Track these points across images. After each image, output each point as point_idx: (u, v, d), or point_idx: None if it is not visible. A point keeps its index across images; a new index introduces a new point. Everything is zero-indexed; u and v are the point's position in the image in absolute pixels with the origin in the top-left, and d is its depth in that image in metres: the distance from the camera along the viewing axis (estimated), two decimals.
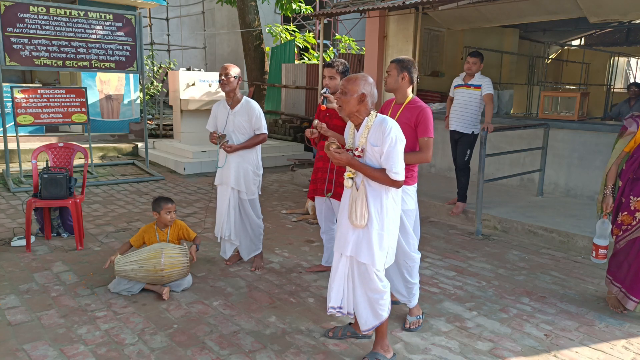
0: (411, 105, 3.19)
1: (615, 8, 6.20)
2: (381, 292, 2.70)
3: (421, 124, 3.12)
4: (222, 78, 3.94)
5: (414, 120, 3.14)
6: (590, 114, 8.39)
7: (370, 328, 2.76)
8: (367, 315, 2.74)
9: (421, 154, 3.15)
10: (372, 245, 2.63)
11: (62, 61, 7.01)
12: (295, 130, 10.97)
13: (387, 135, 2.53)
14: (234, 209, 4.11)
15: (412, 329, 3.23)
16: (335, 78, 3.76)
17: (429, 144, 3.14)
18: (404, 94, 3.23)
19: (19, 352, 2.84)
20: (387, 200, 2.64)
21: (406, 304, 3.30)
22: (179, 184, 7.50)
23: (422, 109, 3.15)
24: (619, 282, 3.53)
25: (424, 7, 7.33)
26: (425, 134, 3.12)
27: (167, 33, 14.09)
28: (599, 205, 3.65)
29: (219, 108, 4.15)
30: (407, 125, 3.14)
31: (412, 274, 3.26)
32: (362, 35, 13.86)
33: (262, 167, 4.21)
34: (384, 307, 2.72)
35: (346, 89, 2.63)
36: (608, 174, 3.55)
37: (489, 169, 5.62)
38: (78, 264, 4.19)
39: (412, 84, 3.24)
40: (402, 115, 3.18)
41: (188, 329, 3.15)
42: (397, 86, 3.21)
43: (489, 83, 5.42)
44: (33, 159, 4.73)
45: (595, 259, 3.63)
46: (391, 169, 2.55)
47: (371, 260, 2.64)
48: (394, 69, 3.20)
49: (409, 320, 3.27)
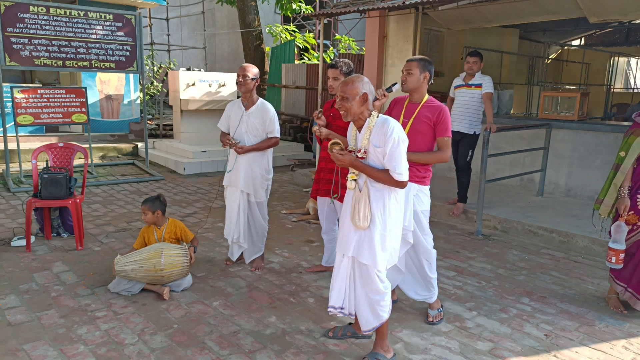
0: (430, 105, 3.17)
1: (615, 8, 6.19)
2: (382, 293, 2.70)
3: (441, 124, 3.11)
4: (240, 79, 3.92)
5: (434, 120, 3.11)
6: (590, 114, 8.40)
7: (371, 329, 2.76)
8: (368, 315, 2.74)
9: (440, 153, 3.15)
10: (374, 246, 2.62)
11: (62, 61, 7.01)
12: (295, 130, 10.96)
13: (389, 136, 2.52)
14: (243, 211, 4.09)
15: (435, 322, 3.27)
16: (339, 79, 3.71)
17: (448, 144, 3.14)
18: (422, 94, 3.20)
19: (19, 352, 2.84)
20: (389, 202, 2.64)
21: (427, 300, 3.35)
22: (179, 184, 7.50)
23: (442, 108, 3.13)
24: (623, 281, 3.49)
25: (424, 7, 7.33)
26: (444, 134, 3.12)
27: (167, 33, 14.08)
28: (607, 208, 3.49)
29: (233, 108, 4.11)
30: (425, 125, 3.12)
31: (432, 268, 3.31)
32: (362, 35, 13.85)
33: (272, 171, 4.17)
34: (384, 308, 2.72)
35: (346, 93, 2.58)
36: (626, 174, 3.37)
37: (489, 169, 5.61)
38: (78, 264, 4.19)
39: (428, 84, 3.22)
40: (421, 115, 3.14)
41: (188, 329, 3.15)
42: (418, 85, 3.16)
43: (490, 82, 5.42)
44: (33, 159, 4.73)
45: (615, 265, 3.39)
46: (395, 169, 2.54)
47: (373, 261, 2.64)
48: (416, 67, 3.13)
49: (431, 314, 3.31)
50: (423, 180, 3.18)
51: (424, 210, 3.20)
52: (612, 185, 3.46)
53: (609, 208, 3.49)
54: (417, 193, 3.16)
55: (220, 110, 4.31)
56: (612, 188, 3.46)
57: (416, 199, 3.16)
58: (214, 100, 9.33)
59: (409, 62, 3.18)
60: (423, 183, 3.18)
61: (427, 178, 3.20)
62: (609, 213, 3.50)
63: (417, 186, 3.16)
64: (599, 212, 3.57)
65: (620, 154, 3.45)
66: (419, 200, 3.18)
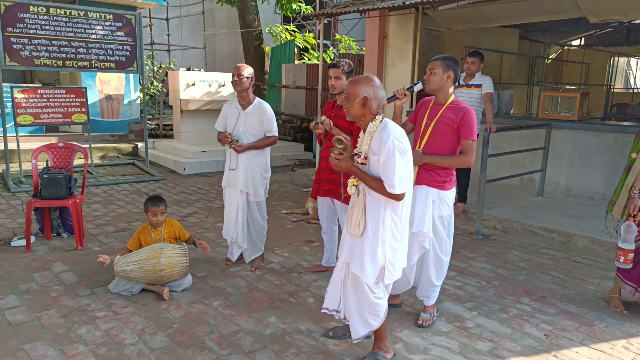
0: (455, 106, 3.07)
1: (615, 8, 6.20)
2: (372, 303, 2.60)
3: (466, 126, 3.01)
4: (235, 79, 3.91)
5: (457, 122, 3.02)
6: (590, 114, 8.40)
7: (360, 337, 2.68)
8: (357, 323, 2.67)
9: (465, 157, 3.05)
10: (364, 257, 2.52)
11: (62, 61, 7.01)
12: (295, 130, 10.96)
13: (384, 144, 2.39)
14: (242, 211, 4.09)
15: (424, 325, 3.23)
16: (340, 78, 3.68)
17: (473, 147, 3.04)
18: (447, 94, 3.10)
19: (19, 352, 2.84)
20: (385, 213, 2.50)
21: (423, 300, 3.31)
22: (179, 184, 7.50)
23: (467, 110, 3.03)
24: (633, 281, 3.46)
25: (424, 7, 7.33)
26: (469, 137, 3.02)
27: (167, 33, 14.08)
28: (620, 209, 3.48)
29: (229, 108, 4.11)
30: (449, 127, 3.04)
31: (439, 276, 3.25)
32: (362, 35, 13.86)
33: (270, 170, 4.18)
34: (375, 317, 2.64)
35: (349, 93, 2.54)
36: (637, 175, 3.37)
37: (489, 169, 5.62)
38: (78, 264, 4.19)
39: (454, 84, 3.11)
40: (444, 116, 3.06)
41: (188, 329, 3.15)
42: (442, 85, 3.06)
43: (490, 82, 5.42)
44: (33, 159, 4.73)
45: (624, 264, 3.38)
46: (386, 180, 2.39)
47: (360, 272, 2.54)
48: (439, 66, 3.03)
49: (422, 317, 3.27)
50: (443, 185, 3.07)
51: (442, 216, 3.10)
52: (624, 186, 3.46)
53: (621, 209, 3.48)
54: (436, 198, 3.06)
55: (220, 110, 4.29)
56: (624, 189, 3.47)
57: (435, 205, 3.07)
58: (214, 100, 9.33)
59: (432, 61, 3.09)
60: (443, 188, 3.07)
61: (448, 183, 3.08)
62: (622, 215, 3.49)
63: (437, 191, 3.05)
64: (612, 214, 3.55)
65: (631, 155, 3.46)
66: (437, 206, 3.08)
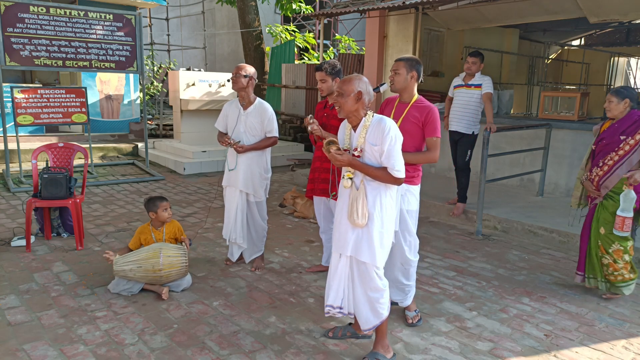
0: (419, 105, 3.17)
1: (615, 8, 6.20)
2: (381, 290, 2.71)
3: (430, 124, 3.11)
4: (233, 77, 3.93)
5: (422, 120, 3.12)
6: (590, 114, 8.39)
7: (371, 327, 2.76)
8: (368, 314, 2.74)
9: (429, 153, 3.14)
10: (373, 244, 2.65)
11: (62, 61, 7.00)
12: (295, 130, 10.97)
13: (386, 134, 2.57)
14: (242, 211, 4.10)
15: (414, 323, 3.26)
16: (325, 81, 3.74)
17: (437, 144, 3.13)
18: (411, 93, 3.21)
19: (19, 352, 2.84)
20: (385, 199, 2.68)
21: (401, 304, 3.31)
22: (179, 184, 7.50)
23: (431, 108, 3.13)
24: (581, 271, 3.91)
25: (424, 7, 7.33)
26: (433, 134, 3.11)
27: (167, 33, 14.08)
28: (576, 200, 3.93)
29: (230, 108, 4.11)
30: (414, 125, 3.12)
31: (409, 276, 3.26)
32: (362, 35, 13.85)
33: (270, 170, 4.19)
34: (384, 305, 2.73)
35: (342, 90, 2.67)
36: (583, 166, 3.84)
37: (489, 169, 5.61)
38: (78, 264, 4.19)
39: (417, 83, 3.21)
40: (410, 115, 3.15)
41: (188, 329, 3.15)
42: (406, 85, 3.17)
43: (489, 82, 5.42)
44: (33, 159, 4.73)
45: (621, 232, 3.51)
46: (393, 167, 2.58)
47: (372, 259, 2.65)
48: (402, 67, 3.15)
49: (409, 316, 3.29)
50: (412, 180, 3.15)
51: (410, 210, 3.17)
52: (577, 180, 3.93)
53: (577, 200, 3.94)
54: (404, 192, 3.13)
55: (220, 110, 4.29)
56: (576, 182, 3.94)
57: (403, 198, 3.13)
58: (214, 100, 9.33)
59: (396, 61, 3.20)
60: (412, 183, 3.16)
61: (415, 178, 3.18)
62: (578, 204, 3.95)
63: (405, 185, 3.13)
64: (570, 205, 4.05)
65: None
66: (406, 200, 3.15)
